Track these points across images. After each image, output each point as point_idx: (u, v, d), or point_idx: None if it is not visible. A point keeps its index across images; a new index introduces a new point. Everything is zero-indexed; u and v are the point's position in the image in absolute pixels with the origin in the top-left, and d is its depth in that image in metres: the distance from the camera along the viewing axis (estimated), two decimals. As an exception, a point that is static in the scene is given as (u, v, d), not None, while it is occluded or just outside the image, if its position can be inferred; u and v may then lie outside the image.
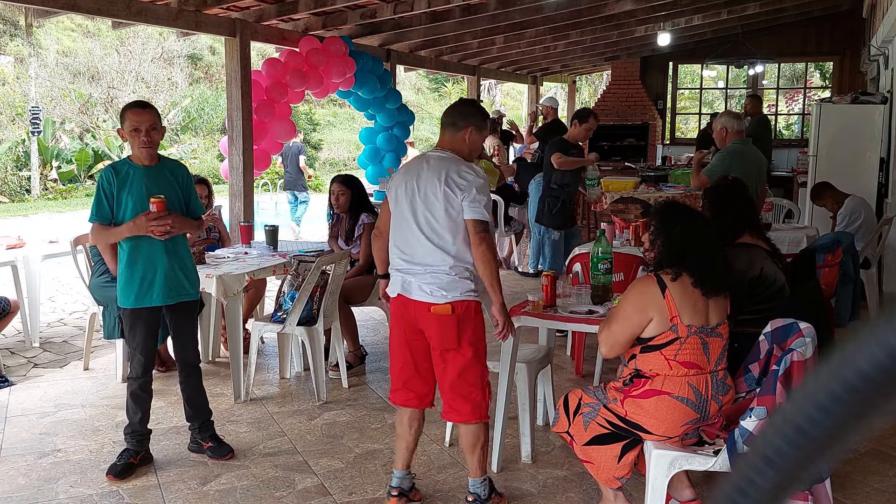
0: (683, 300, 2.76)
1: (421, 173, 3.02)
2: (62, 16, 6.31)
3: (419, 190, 3.00)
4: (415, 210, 3.00)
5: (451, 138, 3.10)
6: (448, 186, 2.94)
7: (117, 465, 3.54)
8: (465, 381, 3.02)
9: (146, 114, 3.44)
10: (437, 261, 2.97)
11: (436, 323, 2.97)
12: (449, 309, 2.95)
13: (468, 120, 3.08)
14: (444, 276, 2.96)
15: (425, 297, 2.98)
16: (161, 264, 3.48)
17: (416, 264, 2.99)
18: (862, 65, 11.27)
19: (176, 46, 21.82)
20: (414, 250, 3.00)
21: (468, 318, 2.99)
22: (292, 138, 7.98)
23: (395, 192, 3.08)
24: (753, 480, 0.44)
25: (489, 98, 25.28)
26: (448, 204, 2.95)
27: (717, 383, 2.80)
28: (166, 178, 3.52)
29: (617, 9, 8.64)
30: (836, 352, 0.41)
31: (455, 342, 2.97)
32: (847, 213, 6.33)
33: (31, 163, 18.07)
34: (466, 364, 3.01)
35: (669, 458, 2.78)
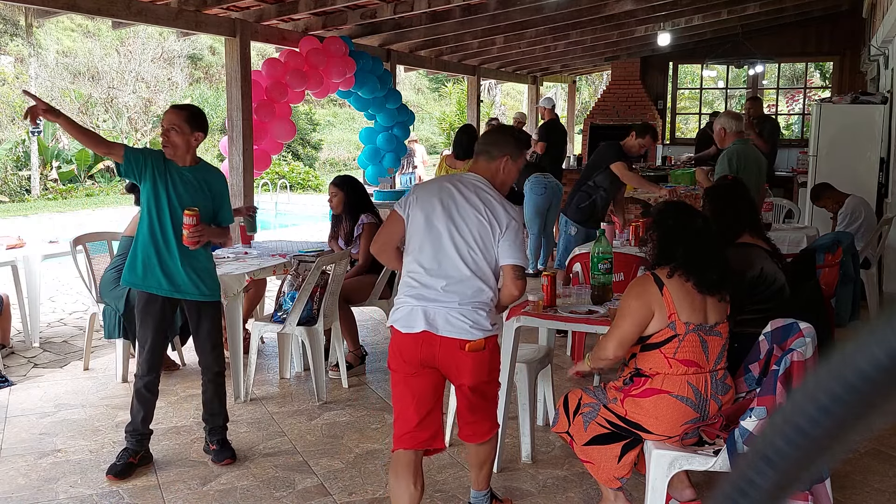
0: (681, 297, 2.77)
1: (457, 196, 2.81)
2: (62, 16, 6.31)
3: (456, 214, 2.78)
4: (451, 234, 2.77)
5: (485, 166, 2.92)
6: (490, 218, 2.78)
7: (117, 465, 3.54)
8: (488, 402, 2.94)
9: (171, 114, 3.52)
10: (476, 291, 2.76)
11: (470, 361, 2.75)
12: (482, 345, 2.77)
13: (503, 149, 2.91)
14: (480, 309, 2.77)
15: (457, 332, 2.72)
16: (165, 255, 3.49)
17: (450, 292, 2.73)
18: (862, 65, 11.26)
19: (176, 46, 21.81)
20: (448, 276, 2.75)
21: (494, 350, 2.88)
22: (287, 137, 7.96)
23: (420, 211, 2.82)
24: (753, 480, 0.44)
25: (489, 98, 25.28)
26: (489, 235, 2.78)
27: (717, 382, 2.80)
28: (199, 184, 3.54)
29: (617, 9, 8.63)
30: (836, 352, 0.41)
31: (487, 376, 2.84)
32: (847, 213, 6.33)
33: (31, 163, 18.08)
34: (492, 390, 2.94)
35: (669, 458, 2.78)
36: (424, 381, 2.80)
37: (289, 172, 20.64)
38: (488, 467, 3.08)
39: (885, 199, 7.62)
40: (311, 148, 25.45)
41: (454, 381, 2.86)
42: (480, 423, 2.93)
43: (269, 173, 17.30)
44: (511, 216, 2.83)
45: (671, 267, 2.81)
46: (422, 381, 2.80)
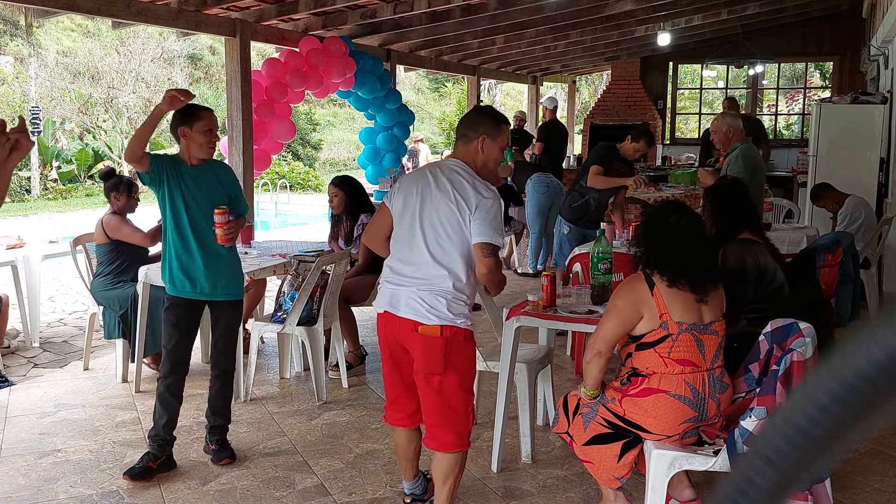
0: (672, 297, 2.76)
1: (432, 183, 2.83)
2: (62, 16, 6.31)
3: (429, 200, 2.81)
4: (422, 221, 2.81)
5: (464, 150, 2.89)
6: (458, 202, 2.76)
7: (135, 467, 3.49)
8: (449, 407, 2.81)
9: (212, 116, 3.53)
10: (436, 278, 2.77)
11: (422, 344, 2.77)
12: (438, 331, 2.75)
13: (479, 128, 2.87)
14: (439, 296, 2.76)
15: (413, 314, 2.77)
16: (188, 258, 3.51)
17: (413, 277, 2.79)
18: (862, 65, 11.26)
19: (176, 46, 21.81)
20: (415, 263, 2.80)
21: (457, 344, 2.79)
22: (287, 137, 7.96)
23: (401, 200, 2.88)
24: (753, 480, 0.44)
25: (489, 98, 25.27)
26: (459, 219, 2.76)
27: (714, 381, 2.80)
28: (210, 180, 3.54)
29: (617, 9, 8.63)
30: (836, 352, 0.41)
31: (441, 367, 2.77)
32: (847, 213, 6.33)
33: (31, 163, 18.07)
34: (451, 390, 2.80)
35: (669, 458, 2.78)
36: (394, 369, 2.93)
37: (289, 172, 20.64)
38: (452, 484, 2.88)
39: (885, 199, 7.62)
40: (311, 148, 25.44)
41: (415, 367, 2.84)
42: (441, 430, 2.83)
43: (269, 173, 17.30)
44: (482, 195, 2.77)
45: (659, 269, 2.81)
46: (392, 368, 2.94)
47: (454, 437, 2.84)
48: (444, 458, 2.87)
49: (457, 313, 2.78)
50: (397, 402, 2.98)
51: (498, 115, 3.00)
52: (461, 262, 2.78)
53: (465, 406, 2.85)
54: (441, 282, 2.77)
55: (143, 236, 4.77)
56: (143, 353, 4.76)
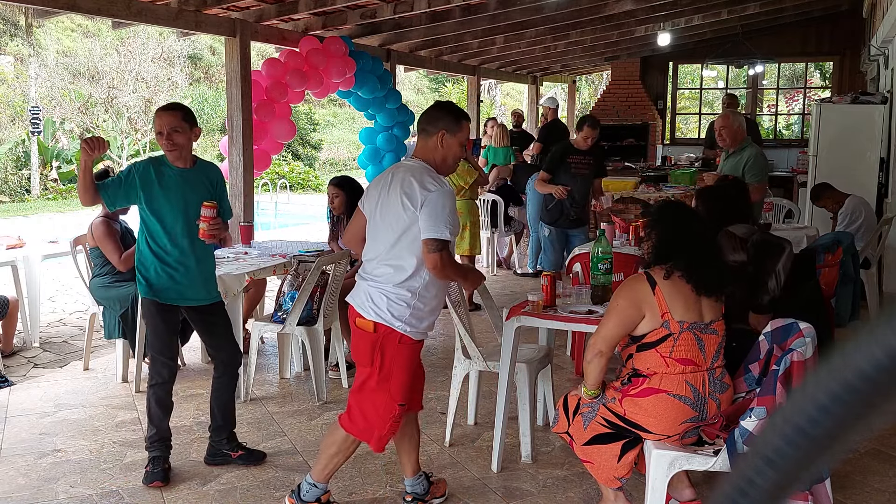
0: (674, 296, 2.76)
1: (388, 185, 2.88)
2: (62, 16, 6.31)
3: (384, 201, 2.87)
4: (377, 220, 2.89)
5: (423, 145, 2.92)
6: (404, 202, 2.77)
7: (156, 472, 3.44)
8: (366, 397, 2.90)
9: (169, 115, 3.36)
10: (383, 276, 2.83)
11: (354, 334, 2.93)
12: (371, 326, 2.83)
13: (438, 124, 2.88)
14: (381, 294, 2.82)
15: (357, 305, 2.89)
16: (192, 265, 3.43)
17: (369, 273, 2.89)
18: (862, 65, 11.27)
19: (176, 46, 21.81)
20: (371, 260, 2.91)
21: (388, 346, 2.83)
22: (287, 137, 7.96)
23: (368, 201, 2.97)
24: (753, 480, 0.44)
25: (489, 98, 25.27)
26: (404, 217, 2.78)
27: (715, 381, 2.80)
28: (200, 181, 3.47)
29: (617, 9, 8.63)
30: (836, 352, 0.41)
31: (366, 360, 2.87)
32: (847, 213, 6.33)
33: (31, 163, 18.08)
34: (371, 387, 2.88)
35: (669, 458, 2.78)
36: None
37: (289, 172, 20.64)
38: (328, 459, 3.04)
39: (885, 199, 7.62)
40: (311, 148, 25.44)
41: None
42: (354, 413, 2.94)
43: (269, 173, 17.29)
44: (428, 190, 2.76)
45: (668, 267, 2.80)
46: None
47: (363, 427, 2.93)
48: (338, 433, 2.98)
49: (397, 315, 2.81)
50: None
51: (458, 110, 2.99)
52: (411, 263, 2.80)
53: (383, 409, 2.88)
54: (386, 280, 2.82)
55: (118, 260, 4.71)
56: (143, 354, 4.75)
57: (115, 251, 4.76)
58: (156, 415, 3.51)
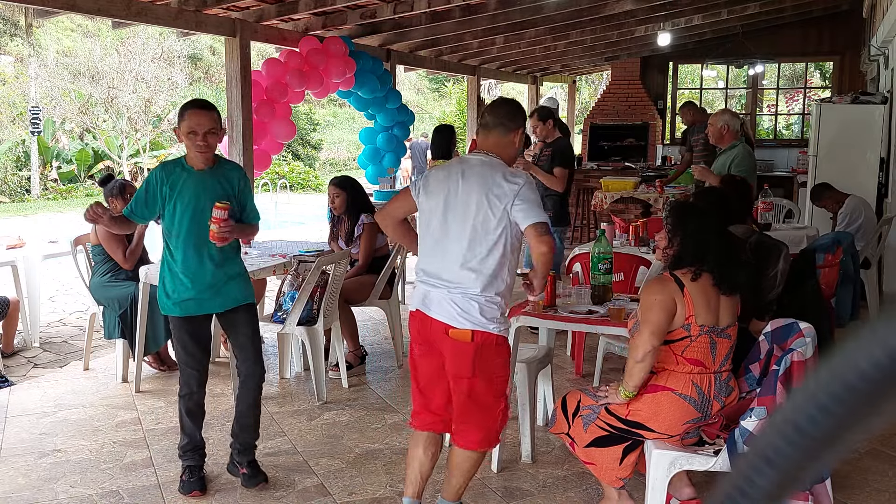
0: (699, 299, 2.76)
1: (461, 183, 2.75)
2: (62, 16, 6.31)
3: (460, 201, 2.73)
4: (452, 222, 2.74)
5: (497, 140, 2.82)
6: (491, 200, 2.68)
7: (192, 481, 3.36)
8: (477, 409, 2.78)
9: (206, 116, 3.16)
10: (466, 281, 2.70)
11: (451, 347, 2.73)
12: (468, 336, 2.69)
13: (518, 121, 2.85)
14: (470, 300, 2.70)
15: (445, 317, 2.72)
16: (209, 271, 3.26)
17: (446, 280, 2.74)
18: (862, 65, 11.26)
19: (176, 46, 21.81)
20: (443, 265, 2.75)
21: (488, 350, 2.73)
22: (287, 137, 7.96)
23: (430, 198, 2.82)
24: (753, 480, 0.44)
25: (489, 98, 25.27)
26: (490, 217, 2.68)
27: (721, 384, 2.81)
28: (219, 183, 3.26)
29: (617, 9, 8.63)
30: (837, 352, 0.41)
31: (469, 371, 2.73)
32: (847, 213, 6.33)
33: (31, 163, 18.08)
34: (480, 394, 2.76)
35: (670, 458, 2.78)
36: (429, 363, 2.85)
37: (289, 172, 20.65)
38: (461, 479, 2.90)
39: (885, 199, 7.62)
40: (311, 148, 25.45)
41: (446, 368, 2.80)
42: (468, 429, 2.82)
43: (269, 173, 17.30)
44: (517, 183, 2.69)
45: (695, 269, 2.78)
46: (427, 361, 2.86)
47: (481, 436, 2.81)
48: (464, 454, 2.86)
49: (489, 318, 2.71)
50: (429, 404, 2.91)
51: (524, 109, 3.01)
52: (494, 264, 2.71)
53: (494, 408, 2.80)
54: (472, 286, 2.70)
55: (123, 257, 4.79)
56: (144, 353, 4.76)
57: (119, 248, 4.77)
58: (187, 425, 3.39)
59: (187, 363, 3.33)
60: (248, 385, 3.43)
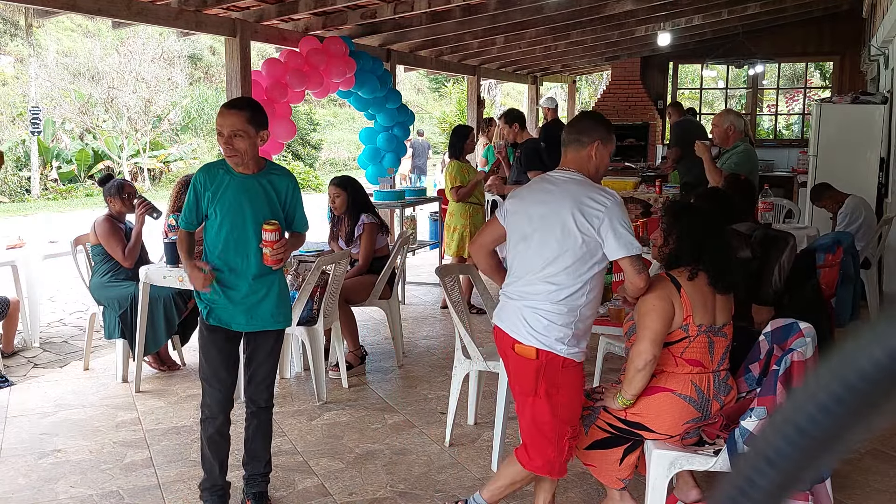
0: (696, 299, 2.75)
1: (546, 196, 2.70)
2: (62, 16, 6.31)
3: (542, 214, 2.67)
4: (533, 234, 2.68)
5: (574, 156, 2.76)
6: (580, 213, 2.59)
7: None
8: (538, 432, 2.70)
9: (230, 116, 2.88)
10: (539, 295, 2.62)
11: (515, 363, 2.67)
12: (532, 353, 2.61)
13: (592, 134, 2.76)
14: (540, 316, 2.61)
15: (512, 331, 2.66)
16: (245, 286, 3.00)
17: (521, 292, 2.68)
18: (862, 65, 11.27)
19: (176, 46, 21.81)
20: (524, 278, 2.68)
21: (553, 371, 2.62)
22: (287, 137, 7.96)
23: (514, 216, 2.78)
24: (754, 480, 0.44)
25: (489, 98, 25.27)
26: (578, 233, 2.59)
27: (719, 383, 2.81)
28: (264, 190, 2.98)
29: (617, 9, 8.63)
30: (837, 351, 0.41)
31: (530, 389, 2.65)
32: (848, 213, 6.33)
33: (31, 163, 18.08)
34: (542, 416, 2.67)
35: (670, 459, 2.78)
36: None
37: (289, 172, 20.60)
38: (503, 485, 2.86)
39: (885, 199, 7.62)
40: (311, 148, 25.45)
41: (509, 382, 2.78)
42: (531, 451, 2.73)
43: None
44: (602, 204, 2.61)
45: (692, 269, 2.78)
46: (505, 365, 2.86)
47: (541, 462, 2.72)
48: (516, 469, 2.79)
49: (558, 338, 2.60)
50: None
51: (608, 121, 2.93)
52: (572, 282, 2.61)
53: (557, 435, 2.68)
54: (544, 298, 2.61)
55: (122, 255, 4.79)
56: (144, 353, 4.76)
57: (118, 246, 4.78)
58: (206, 457, 3.09)
59: (209, 379, 3.05)
60: (251, 410, 3.23)
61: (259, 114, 2.93)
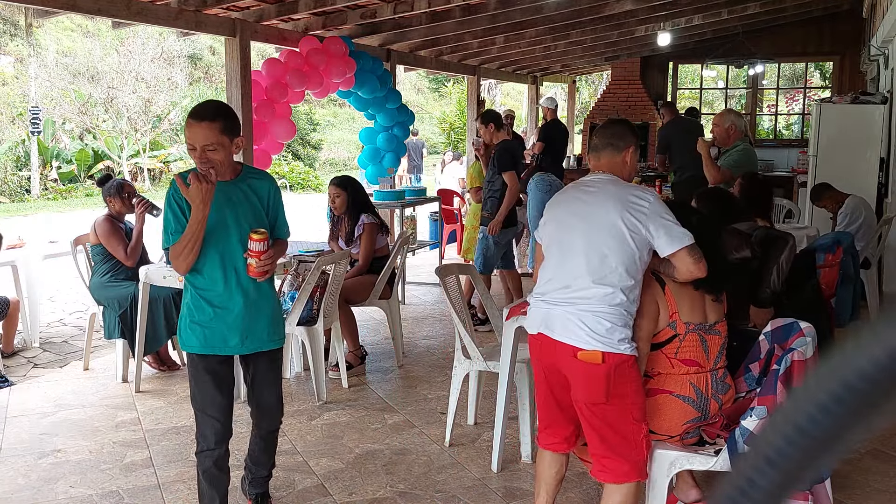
0: (681, 297, 2.76)
1: (585, 199, 2.67)
2: (62, 16, 6.31)
3: (585, 217, 2.63)
4: (577, 236, 2.63)
5: (609, 161, 2.75)
6: (627, 213, 2.57)
7: None
8: (617, 435, 2.60)
9: (201, 129, 2.61)
10: (595, 298, 2.56)
11: (582, 371, 2.56)
12: (599, 357, 2.53)
13: (627, 139, 2.78)
14: (601, 319, 2.55)
15: (571, 338, 2.56)
16: (238, 304, 2.76)
17: (570, 297, 2.60)
18: (862, 65, 11.27)
19: (176, 46, 21.81)
20: (572, 282, 2.60)
21: (620, 372, 2.56)
22: (287, 137, 7.96)
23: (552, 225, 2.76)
24: (754, 480, 0.44)
25: (489, 98, 25.28)
26: (628, 233, 2.56)
27: (717, 382, 2.81)
28: (245, 196, 2.77)
29: (617, 9, 8.63)
30: (837, 351, 0.40)
31: (603, 396, 2.55)
32: (848, 213, 6.33)
33: (31, 163, 18.08)
34: (617, 419, 2.59)
35: (670, 459, 2.78)
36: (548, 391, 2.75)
37: (289, 172, 20.66)
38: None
39: (885, 199, 7.62)
40: (311, 148, 25.45)
41: (573, 395, 2.63)
42: (612, 460, 2.62)
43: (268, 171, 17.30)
44: (646, 200, 2.61)
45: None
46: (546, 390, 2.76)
47: (628, 467, 2.61)
48: (616, 490, 2.64)
49: (620, 339, 2.56)
50: (552, 425, 2.81)
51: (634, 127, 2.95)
52: (626, 279, 2.58)
53: (636, 434, 2.63)
54: (601, 303, 2.56)
55: (125, 254, 4.80)
56: (144, 353, 4.76)
57: (120, 246, 4.79)
58: (205, 493, 2.85)
59: (204, 408, 2.82)
60: (262, 427, 3.05)
61: (231, 120, 2.70)
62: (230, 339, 2.79)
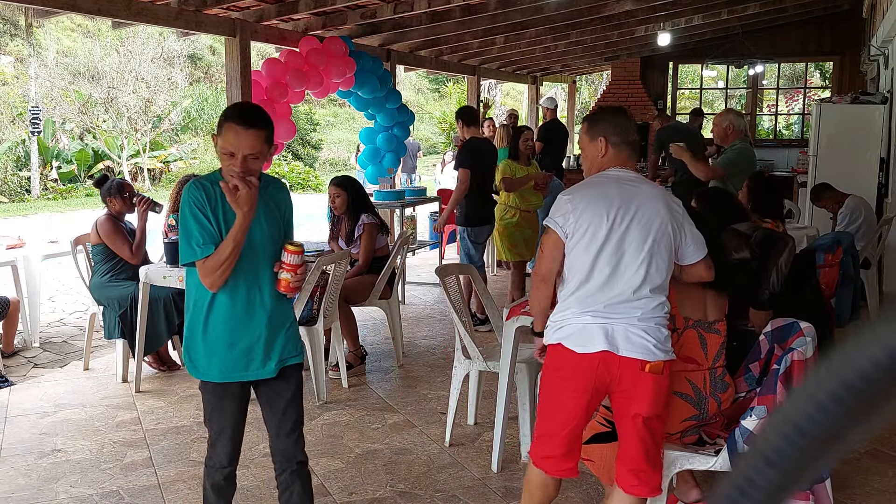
0: (682, 293, 2.76)
1: (632, 197, 2.47)
2: (62, 16, 6.31)
3: (636, 216, 2.44)
4: (629, 240, 2.43)
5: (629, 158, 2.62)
6: (670, 216, 2.48)
7: None
8: (658, 447, 2.54)
9: (249, 136, 2.34)
10: (656, 307, 2.45)
11: (652, 385, 2.41)
12: (661, 368, 2.43)
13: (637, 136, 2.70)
14: (661, 327, 2.45)
15: (640, 352, 2.40)
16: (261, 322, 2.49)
17: (627, 309, 2.43)
18: (862, 65, 11.27)
19: (176, 46, 21.81)
20: (626, 290, 2.42)
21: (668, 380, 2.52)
22: (287, 137, 7.96)
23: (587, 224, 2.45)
24: (754, 480, 0.44)
25: (490, 98, 25.28)
26: (670, 236, 2.48)
27: (716, 380, 2.81)
28: (267, 207, 2.50)
29: (617, 9, 8.63)
30: (837, 351, 0.41)
31: (664, 406, 2.50)
32: (848, 213, 6.33)
33: (31, 163, 18.08)
34: (661, 428, 2.54)
35: (670, 458, 2.78)
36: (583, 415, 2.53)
37: (289, 172, 20.66)
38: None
39: (885, 199, 7.62)
40: (311, 148, 25.45)
41: (628, 411, 2.45)
42: (652, 475, 2.52)
43: (269, 173, 17.30)
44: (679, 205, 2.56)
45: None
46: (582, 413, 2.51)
47: (658, 480, 2.55)
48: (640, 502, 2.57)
49: (671, 344, 2.51)
50: (574, 451, 2.56)
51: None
52: (667, 285, 2.54)
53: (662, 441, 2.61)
54: (658, 310, 2.46)
55: (130, 253, 4.81)
56: (144, 353, 4.76)
57: (125, 245, 4.80)
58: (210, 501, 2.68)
59: (221, 432, 2.59)
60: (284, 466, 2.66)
61: (272, 128, 2.47)
62: (252, 364, 2.51)
